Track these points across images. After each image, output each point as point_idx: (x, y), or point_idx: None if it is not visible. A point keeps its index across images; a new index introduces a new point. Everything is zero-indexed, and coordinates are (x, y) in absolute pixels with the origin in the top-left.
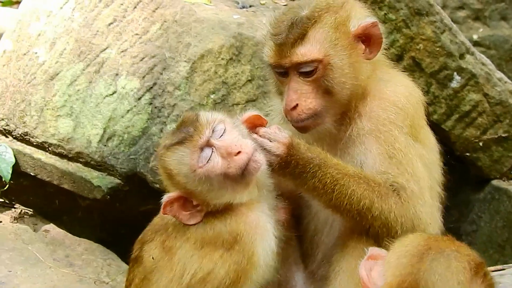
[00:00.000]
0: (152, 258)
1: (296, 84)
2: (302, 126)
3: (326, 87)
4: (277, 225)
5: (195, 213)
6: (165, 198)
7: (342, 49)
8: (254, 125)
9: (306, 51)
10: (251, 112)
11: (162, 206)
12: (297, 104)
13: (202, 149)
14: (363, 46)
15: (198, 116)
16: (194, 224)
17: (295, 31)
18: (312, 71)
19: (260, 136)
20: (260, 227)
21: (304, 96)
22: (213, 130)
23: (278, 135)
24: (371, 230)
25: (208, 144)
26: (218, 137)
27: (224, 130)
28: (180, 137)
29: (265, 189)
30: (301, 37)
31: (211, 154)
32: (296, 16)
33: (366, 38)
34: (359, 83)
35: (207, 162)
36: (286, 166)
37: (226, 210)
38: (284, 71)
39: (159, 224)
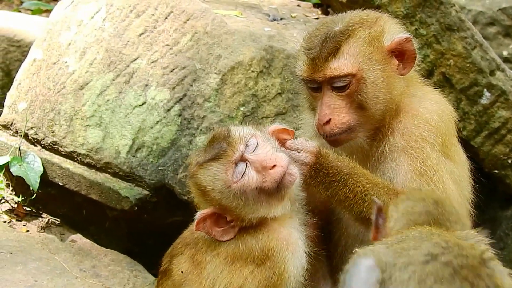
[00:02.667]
0: (181, 271)
1: (329, 99)
2: (334, 140)
3: (359, 102)
4: (308, 241)
5: (228, 229)
6: (198, 215)
7: (376, 63)
8: (281, 138)
9: (340, 65)
10: (276, 125)
11: (195, 223)
12: (330, 119)
13: (236, 164)
14: (397, 62)
15: (230, 131)
16: (227, 240)
17: (328, 45)
18: (345, 86)
19: (287, 148)
20: (291, 243)
21: (337, 111)
22: (246, 145)
23: (305, 144)
24: None
25: (242, 159)
26: (251, 151)
27: (257, 144)
28: (213, 153)
29: (297, 203)
30: (335, 51)
31: (246, 169)
32: (329, 31)
33: (400, 54)
34: (392, 98)
35: (242, 177)
36: (316, 174)
37: (257, 225)
38: (317, 86)
39: (189, 238)
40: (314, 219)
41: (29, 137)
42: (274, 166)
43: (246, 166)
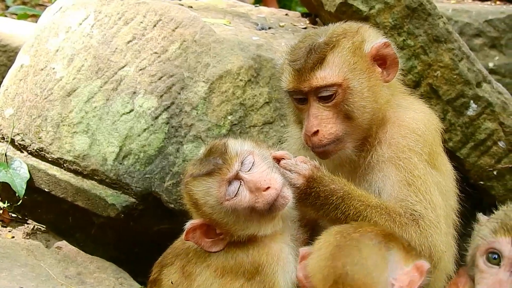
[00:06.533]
0: (171, 282)
1: (316, 110)
2: (322, 151)
3: (346, 111)
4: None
5: (218, 241)
6: (188, 224)
7: (361, 73)
8: (278, 156)
9: (326, 75)
10: (281, 153)
11: (184, 232)
12: (317, 130)
13: (230, 182)
14: (380, 69)
15: (227, 147)
16: (216, 252)
17: (313, 56)
18: (331, 96)
19: (281, 166)
20: (282, 258)
21: (324, 122)
22: (242, 163)
23: (298, 166)
24: None
25: (237, 177)
26: (247, 170)
27: (253, 163)
28: (208, 168)
29: (289, 221)
30: (320, 62)
31: (239, 188)
32: (314, 42)
33: (382, 60)
34: (379, 107)
35: (235, 195)
36: (306, 197)
37: (249, 240)
38: (303, 98)
39: (180, 248)
40: (305, 235)
41: (16, 143)
42: (268, 188)
43: (240, 184)
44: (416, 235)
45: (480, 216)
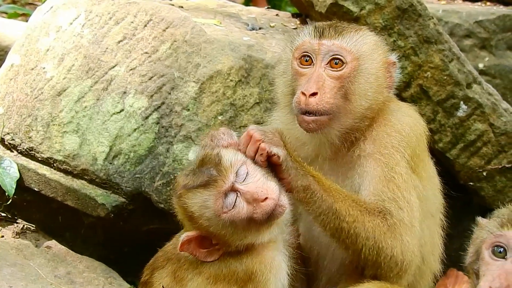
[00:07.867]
0: (163, 286)
1: (320, 76)
2: (312, 120)
3: (347, 90)
4: (290, 262)
5: (213, 251)
6: (183, 237)
7: (374, 62)
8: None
9: (347, 42)
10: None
11: (179, 244)
12: (317, 93)
13: (226, 194)
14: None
15: (220, 158)
16: (211, 261)
17: (340, 26)
18: (342, 63)
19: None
20: (274, 266)
21: (324, 90)
22: (236, 173)
23: (273, 139)
24: (364, 251)
25: (233, 189)
26: (241, 180)
27: (247, 173)
28: (203, 180)
29: (283, 226)
30: (345, 32)
31: (236, 199)
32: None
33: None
34: (377, 102)
35: (232, 207)
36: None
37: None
38: (309, 59)
39: (171, 252)
40: (296, 238)
41: (6, 143)
42: (265, 198)
43: (237, 196)
44: (380, 228)
45: (479, 219)
